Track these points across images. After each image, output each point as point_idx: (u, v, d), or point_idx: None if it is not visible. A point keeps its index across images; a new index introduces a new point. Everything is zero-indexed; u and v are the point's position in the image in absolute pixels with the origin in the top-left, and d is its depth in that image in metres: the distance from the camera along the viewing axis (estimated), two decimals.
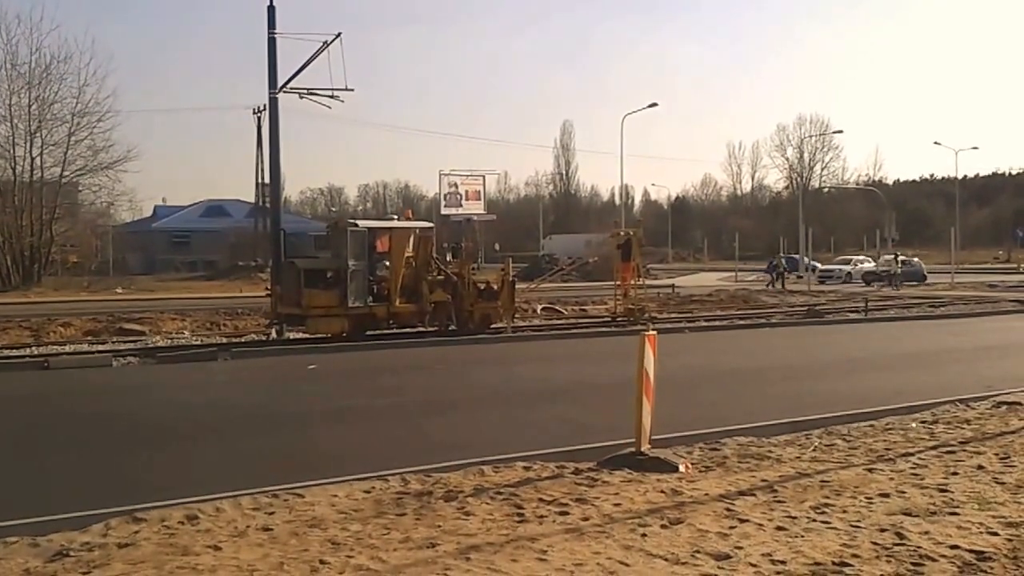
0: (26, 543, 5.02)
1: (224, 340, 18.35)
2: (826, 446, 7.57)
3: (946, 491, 5.92)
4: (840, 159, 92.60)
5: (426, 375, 13.57)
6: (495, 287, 19.36)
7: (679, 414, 8.80)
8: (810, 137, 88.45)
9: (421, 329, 18.58)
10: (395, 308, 17.91)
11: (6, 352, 16.42)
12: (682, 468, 6.67)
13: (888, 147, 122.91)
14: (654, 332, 7.22)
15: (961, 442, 7.64)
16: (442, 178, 60.80)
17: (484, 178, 63.88)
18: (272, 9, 20.06)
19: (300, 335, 18.07)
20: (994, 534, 4.98)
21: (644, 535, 5.01)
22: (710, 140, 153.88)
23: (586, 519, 5.36)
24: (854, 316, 24.09)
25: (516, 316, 20.47)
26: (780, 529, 5.11)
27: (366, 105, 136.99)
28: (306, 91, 20.76)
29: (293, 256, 19.33)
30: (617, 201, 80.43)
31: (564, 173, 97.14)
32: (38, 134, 39.65)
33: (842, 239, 70.63)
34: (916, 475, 6.42)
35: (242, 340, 18.43)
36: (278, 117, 20.61)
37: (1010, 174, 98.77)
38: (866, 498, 5.76)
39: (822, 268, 44.15)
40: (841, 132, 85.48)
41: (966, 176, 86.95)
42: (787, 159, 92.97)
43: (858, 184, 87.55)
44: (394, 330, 18.49)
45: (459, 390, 12.18)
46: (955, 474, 6.44)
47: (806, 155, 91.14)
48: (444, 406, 10.60)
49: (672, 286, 35.52)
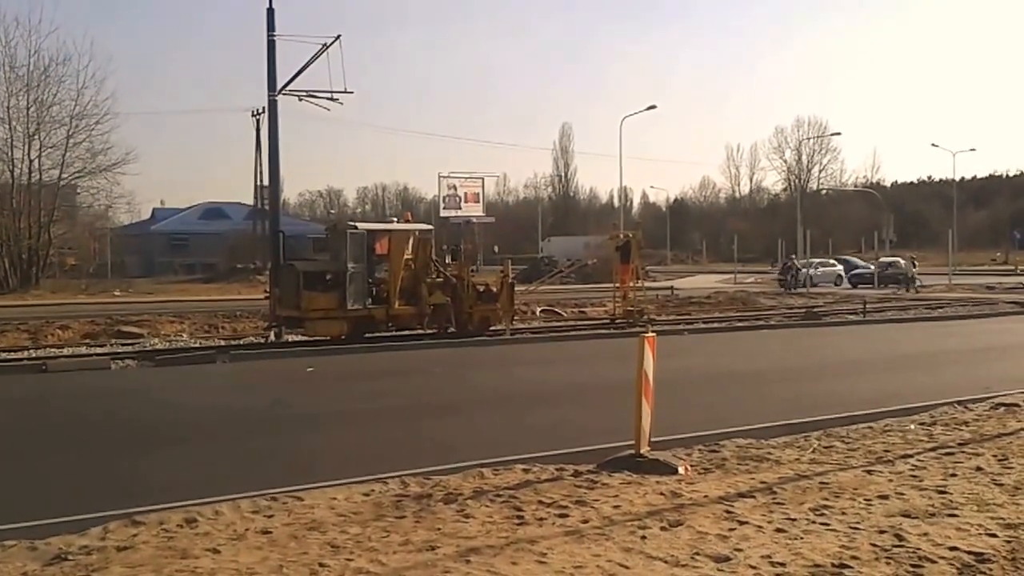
0: (24, 547, 5.01)
1: (223, 343, 18.35)
2: (825, 448, 7.57)
3: (945, 493, 5.92)
4: (838, 161, 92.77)
5: (425, 377, 13.56)
6: (494, 289, 19.38)
7: (678, 416, 8.80)
8: (808, 139, 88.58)
9: (420, 331, 18.60)
10: (394, 310, 17.91)
11: (4, 355, 16.39)
12: (681, 470, 6.67)
13: (886, 149, 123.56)
14: (653, 334, 7.23)
15: (959, 444, 7.64)
16: (441, 180, 60.92)
17: (483, 180, 64.05)
18: (271, 11, 20.13)
19: (299, 337, 18.07)
20: (993, 536, 4.99)
21: (644, 537, 5.01)
22: (708, 142, 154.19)
23: (586, 521, 5.35)
24: (852, 318, 24.13)
25: (515, 318, 20.49)
26: (779, 531, 5.11)
27: (365, 107, 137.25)
28: (305, 93, 20.78)
29: (292, 258, 19.35)
30: (616, 203, 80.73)
31: (563, 175, 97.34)
32: (36, 136, 39.59)
33: (840, 241, 70.54)
34: (915, 477, 6.43)
35: (241, 343, 18.44)
36: (277, 119, 20.64)
37: (1007, 176, 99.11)
38: (865, 500, 5.76)
39: (780, 270, 43.00)
40: (839, 134, 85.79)
41: (963, 178, 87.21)
42: (785, 161, 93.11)
43: (856, 186, 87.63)
44: (393, 332, 18.50)
45: (458, 392, 12.18)
46: (954, 476, 6.44)
47: (804, 157, 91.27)
48: (443, 408, 10.59)
49: (671, 288, 35.56)
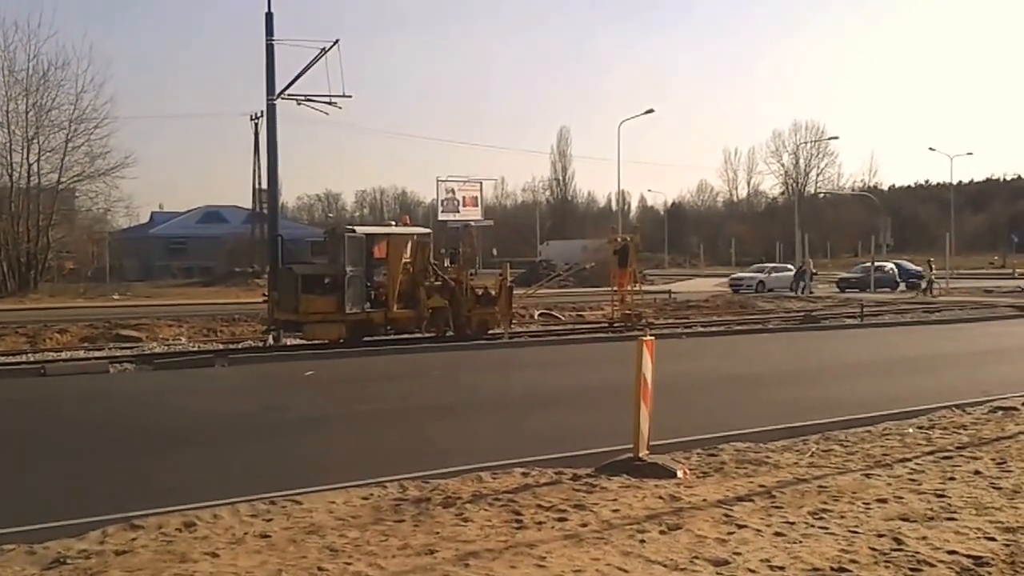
0: (23, 551, 5.01)
1: (221, 346, 18.36)
2: (823, 452, 7.58)
3: (943, 496, 5.93)
4: (836, 165, 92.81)
5: (424, 381, 13.56)
6: (493, 293, 19.38)
7: (676, 420, 8.81)
8: (806, 143, 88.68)
9: (419, 335, 18.60)
10: (393, 314, 17.91)
11: (2, 359, 16.40)
12: (680, 474, 6.67)
13: (883, 153, 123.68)
14: (652, 338, 7.23)
15: (958, 447, 7.65)
16: (439, 184, 60.86)
17: (481, 184, 63.98)
18: (270, 16, 20.12)
19: (297, 341, 18.07)
20: (991, 539, 4.99)
21: (643, 541, 5.01)
22: (706, 146, 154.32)
23: (584, 525, 5.35)
24: (850, 322, 24.15)
25: (513, 322, 20.49)
26: (778, 535, 5.11)
27: (363, 111, 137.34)
28: (304, 97, 20.79)
29: (290, 262, 19.35)
30: (614, 207, 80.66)
31: (561, 179, 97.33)
32: (35, 140, 39.55)
33: (838, 245, 70.72)
34: (913, 480, 6.43)
35: (239, 346, 18.43)
36: (276, 123, 20.63)
37: (1005, 180, 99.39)
38: (864, 504, 5.77)
39: (733, 276, 41.16)
40: (837, 138, 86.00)
41: (961, 182, 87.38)
42: (783, 165, 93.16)
43: (853, 190, 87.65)
44: (392, 336, 18.47)
45: (457, 396, 12.18)
46: (952, 479, 6.45)
47: (802, 161, 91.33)
48: (442, 412, 10.59)
49: (669, 292, 35.58)
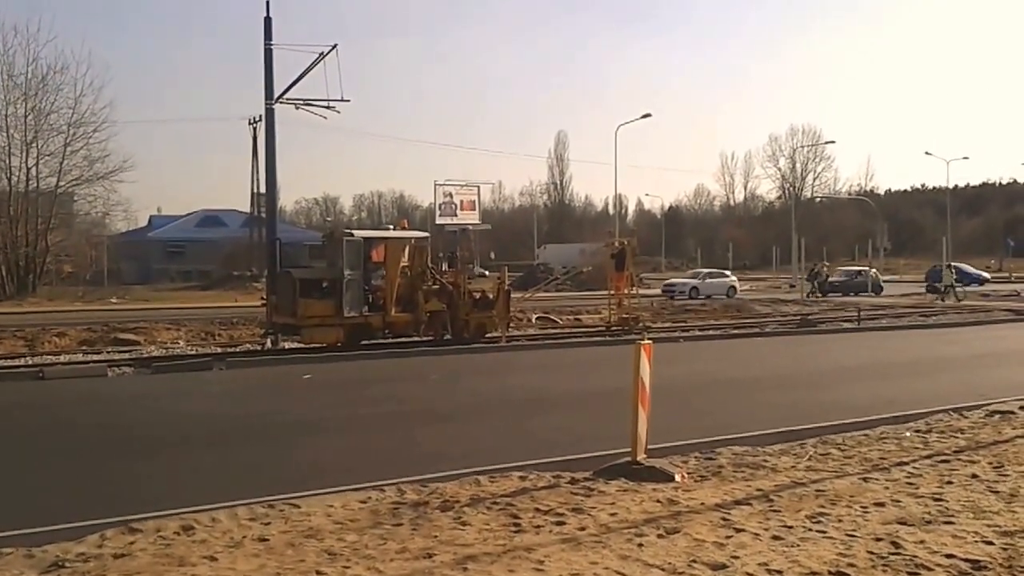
0: (21, 554, 5.00)
1: (219, 350, 18.33)
2: (821, 455, 7.59)
3: (941, 500, 5.94)
4: (832, 169, 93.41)
5: (421, 385, 13.56)
6: (490, 296, 19.39)
7: (674, 423, 8.82)
8: (802, 147, 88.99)
9: (416, 338, 18.58)
10: (390, 318, 17.90)
11: (1, 362, 16.36)
12: (678, 478, 6.68)
13: (880, 157, 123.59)
14: (649, 341, 7.24)
15: (955, 451, 7.67)
16: (437, 188, 60.97)
17: (479, 188, 64.16)
18: (269, 21, 20.12)
19: (295, 345, 18.06)
20: (989, 543, 5.00)
21: (641, 545, 5.01)
22: (703, 150, 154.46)
23: (582, 529, 5.36)
24: (847, 326, 24.18)
25: (511, 325, 20.49)
26: (776, 538, 5.12)
27: (362, 116, 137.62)
28: (302, 102, 20.79)
29: (288, 266, 19.32)
30: (611, 211, 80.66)
31: (558, 183, 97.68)
32: (34, 144, 39.65)
33: (835, 249, 70.91)
34: (911, 484, 6.44)
35: (237, 350, 18.42)
36: (274, 127, 20.64)
37: (1000, 184, 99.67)
38: (861, 507, 5.78)
39: (666, 283, 38.41)
40: (833, 143, 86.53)
41: (957, 186, 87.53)
42: (779, 169, 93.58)
43: (850, 194, 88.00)
44: (389, 339, 18.48)
45: (454, 399, 12.17)
46: (950, 483, 6.46)
47: (798, 165, 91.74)
48: (439, 416, 10.59)
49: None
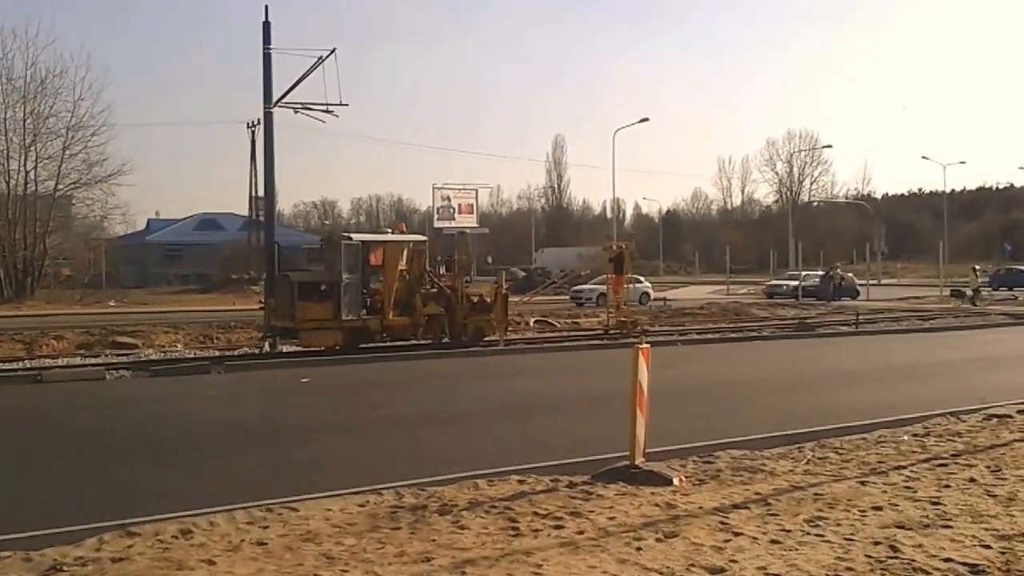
0: (19, 558, 5.00)
1: (217, 353, 18.29)
2: (819, 459, 7.60)
3: (939, 504, 5.95)
4: (829, 173, 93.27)
5: (419, 388, 13.56)
6: (488, 300, 19.40)
7: (672, 427, 8.83)
8: (799, 151, 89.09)
9: (414, 342, 18.58)
10: (388, 321, 17.90)
11: None
12: (676, 481, 6.68)
13: (877, 162, 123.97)
14: (647, 345, 7.25)
15: (953, 455, 7.68)
16: (435, 192, 61.06)
17: (477, 192, 64.24)
18: (267, 25, 20.15)
19: (294, 348, 18.04)
20: (987, 547, 5.01)
21: (639, 549, 5.02)
22: (700, 154, 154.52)
23: (581, 533, 5.36)
24: (845, 329, 24.20)
25: (509, 329, 20.49)
26: (774, 542, 5.12)
27: (360, 119, 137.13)
28: (301, 106, 20.81)
29: (287, 269, 19.32)
30: (609, 215, 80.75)
31: (556, 187, 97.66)
32: (32, 147, 39.64)
33: (831, 253, 70.76)
34: (909, 488, 6.45)
35: (235, 353, 18.38)
36: (273, 131, 20.68)
37: (997, 188, 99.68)
38: (859, 511, 5.78)
39: (574, 288, 36.48)
40: (830, 147, 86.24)
41: (954, 190, 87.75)
42: (777, 173, 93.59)
43: (847, 198, 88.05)
44: (387, 343, 18.48)
45: (453, 403, 12.17)
46: (947, 487, 6.47)
47: (795, 169, 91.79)
48: (438, 419, 10.59)
49: (664, 299, 35.66)
